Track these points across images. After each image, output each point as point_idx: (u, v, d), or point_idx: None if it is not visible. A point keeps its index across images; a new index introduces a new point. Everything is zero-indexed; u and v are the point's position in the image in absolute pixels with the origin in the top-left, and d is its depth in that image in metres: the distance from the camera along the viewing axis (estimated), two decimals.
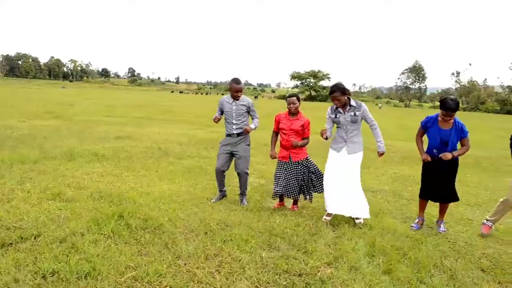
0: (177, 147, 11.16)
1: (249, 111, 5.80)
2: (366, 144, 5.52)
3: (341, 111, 5.08)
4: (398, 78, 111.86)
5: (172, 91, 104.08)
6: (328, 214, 5.27)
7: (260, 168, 8.72)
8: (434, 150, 4.88)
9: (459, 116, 4.91)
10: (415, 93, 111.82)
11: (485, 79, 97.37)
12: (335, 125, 5.26)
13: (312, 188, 5.55)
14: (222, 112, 5.83)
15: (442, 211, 5.17)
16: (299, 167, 5.45)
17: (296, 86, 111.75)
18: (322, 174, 5.47)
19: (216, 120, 5.82)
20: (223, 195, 6.04)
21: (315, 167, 5.55)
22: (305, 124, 5.41)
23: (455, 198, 5.08)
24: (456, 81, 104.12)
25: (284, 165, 5.49)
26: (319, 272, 3.67)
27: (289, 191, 5.47)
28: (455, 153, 4.80)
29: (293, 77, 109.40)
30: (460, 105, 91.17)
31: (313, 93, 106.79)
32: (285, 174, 5.47)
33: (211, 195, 6.14)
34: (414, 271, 3.79)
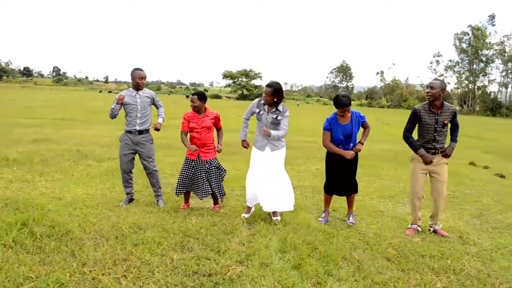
0: (98, 149, 10.73)
1: (153, 101, 5.66)
2: (288, 142, 5.60)
3: (266, 109, 5.09)
4: (327, 77, 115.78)
5: (100, 91, 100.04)
6: (247, 211, 5.28)
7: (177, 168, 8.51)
8: (340, 146, 5.03)
9: (385, 113, 5.11)
10: (343, 91, 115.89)
11: (407, 78, 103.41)
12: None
13: (218, 188, 5.52)
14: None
15: (350, 204, 5.35)
16: (207, 165, 5.39)
17: (228, 85, 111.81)
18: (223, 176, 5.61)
19: (120, 100, 5.44)
20: (131, 198, 5.80)
21: (220, 169, 5.55)
22: (215, 118, 5.39)
23: (356, 190, 5.29)
24: (381, 80, 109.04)
25: (192, 163, 5.41)
26: (229, 271, 3.64)
27: (198, 189, 5.40)
28: (362, 140, 5.07)
29: (225, 76, 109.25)
30: (385, 102, 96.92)
31: (245, 92, 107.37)
32: (193, 172, 5.39)
33: None
34: (323, 264, 3.87)
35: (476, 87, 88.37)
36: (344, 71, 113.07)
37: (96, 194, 6.11)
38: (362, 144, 5.06)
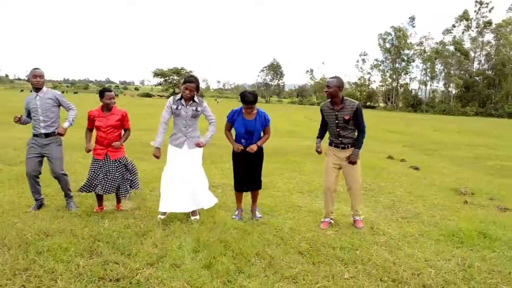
0: (11, 152, 10.06)
1: (60, 102, 5.31)
2: (214, 140, 5.56)
3: (184, 103, 5.00)
4: (258, 75, 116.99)
5: (22, 90, 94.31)
6: (163, 213, 5.17)
7: None
8: (242, 140, 5.08)
9: (315, 110, 5.19)
10: (274, 90, 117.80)
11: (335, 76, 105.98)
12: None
13: (129, 187, 5.38)
14: (29, 113, 5.27)
15: (254, 199, 5.41)
16: (116, 164, 5.22)
17: (160, 84, 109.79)
18: (136, 171, 5.48)
19: (16, 120, 5.15)
20: (40, 203, 5.45)
21: (132, 164, 5.41)
22: (122, 117, 5.22)
23: (260, 186, 5.35)
24: (311, 78, 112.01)
25: (100, 163, 5.21)
26: (138, 275, 3.54)
27: (107, 189, 5.21)
28: (259, 143, 5.08)
29: (156, 74, 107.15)
30: (315, 100, 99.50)
31: (177, 90, 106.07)
32: (102, 172, 5.19)
33: None
34: (235, 262, 3.86)
35: (399, 84, 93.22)
36: (275, 69, 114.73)
37: (3, 201, 5.70)
38: (257, 146, 5.04)
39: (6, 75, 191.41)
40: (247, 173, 5.21)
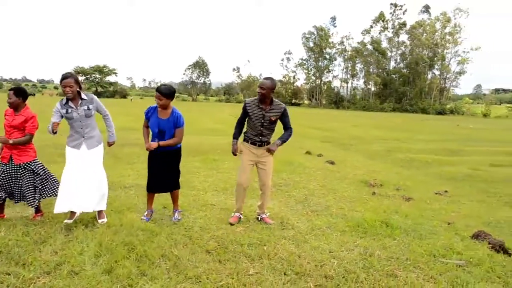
0: None
1: None
2: (132, 139, 5.34)
3: (73, 105, 4.73)
4: (184, 73, 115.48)
5: None
6: (70, 217, 4.89)
7: None
8: (155, 139, 4.96)
9: (238, 108, 5.11)
10: (201, 88, 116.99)
11: (261, 74, 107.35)
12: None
13: (42, 194, 5.04)
14: None
15: (174, 200, 5.30)
16: (21, 170, 4.89)
17: (81, 82, 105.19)
18: (52, 177, 5.09)
19: None
20: None
21: (43, 170, 5.07)
22: (27, 119, 4.87)
23: (178, 186, 5.26)
24: (237, 76, 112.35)
25: (3, 167, 4.86)
26: (31, 285, 3.33)
27: (16, 196, 4.88)
28: (161, 143, 4.87)
29: (77, 72, 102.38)
30: (242, 98, 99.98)
31: (99, 89, 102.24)
32: (4, 177, 4.85)
33: None
34: (138, 264, 3.75)
35: (322, 82, 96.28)
36: (200, 67, 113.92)
37: None
38: (159, 144, 4.86)
39: None
40: (162, 174, 5.07)
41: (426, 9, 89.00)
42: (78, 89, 4.74)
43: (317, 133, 21.01)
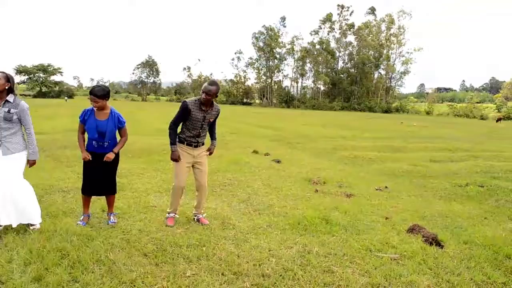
0: None
1: None
2: (67, 143, 5.12)
3: None
4: (133, 73, 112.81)
5: None
6: None
7: None
8: (94, 142, 4.81)
9: None
10: (151, 87, 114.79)
11: (211, 73, 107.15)
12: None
13: None
14: None
15: (110, 204, 5.16)
16: None
17: (23, 82, 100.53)
18: None
19: None
20: None
21: None
22: None
23: (114, 191, 5.14)
24: (188, 75, 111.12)
25: None
26: None
27: None
28: (115, 150, 4.85)
29: (19, 71, 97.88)
30: (192, 97, 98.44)
31: (44, 89, 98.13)
32: None
33: None
34: (71, 271, 3.63)
35: (273, 82, 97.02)
36: (150, 66, 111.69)
37: None
38: (114, 153, 4.83)
39: None
40: (98, 177, 4.92)
41: (372, 11, 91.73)
42: (7, 88, 4.46)
43: (267, 132, 21.14)
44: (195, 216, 5.26)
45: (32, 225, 4.70)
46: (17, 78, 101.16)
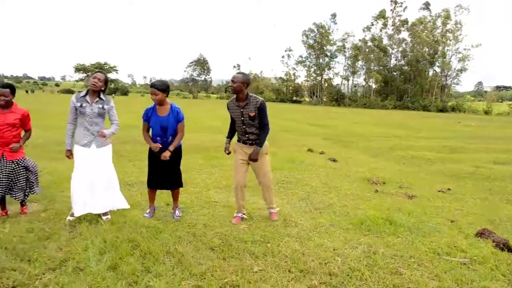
0: None
1: None
2: (134, 136, 5.33)
3: (89, 100, 4.77)
4: (185, 71, 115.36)
5: None
6: (73, 214, 4.91)
7: None
8: (158, 138, 4.96)
9: None
10: (202, 85, 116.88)
11: (261, 71, 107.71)
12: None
13: (22, 192, 5.02)
14: None
15: (174, 198, 5.31)
16: (13, 166, 4.89)
17: (82, 79, 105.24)
18: (37, 176, 5.16)
19: None
20: None
21: (34, 166, 5.08)
22: (23, 116, 4.89)
23: (180, 184, 5.26)
24: (238, 73, 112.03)
25: None
26: (36, 281, 3.34)
27: (12, 192, 4.91)
28: (171, 148, 4.94)
29: (78, 69, 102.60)
30: None
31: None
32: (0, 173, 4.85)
33: None
34: (142, 261, 3.76)
35: (323, 79, 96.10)
36: (201, 64, 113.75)
37: None
38: (170, 151, 4.92)
39: None
40: (163, 171, 5.08)
41: (426, 6, 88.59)
42: (102, 88, 4.84)
43: (319, 131, 20.98)
44: (268, 209, 5.34)
45: (104, 215, 4.94)
46: (76, 76, 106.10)
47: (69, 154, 4.97)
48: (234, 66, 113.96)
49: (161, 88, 4.83)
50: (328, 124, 25.85)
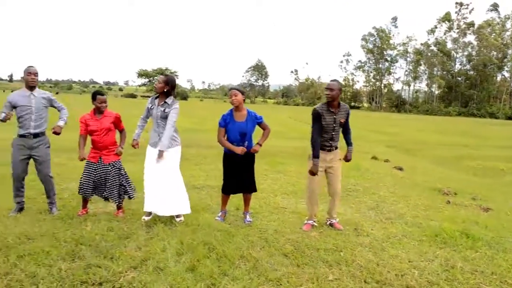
0: None
1: (52, 104, 5.22)
2: (198, 140, 5.49)
3: (156, 102, 4.99)
4: (243, 76, 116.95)
5: (4, 91, 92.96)
6: (147, 214, 5.12)
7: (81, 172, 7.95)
8: (234, 144, 5.04)
9: (300, 110, 5.14)
10: (259, 90, 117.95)
11: (319, 76, 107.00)
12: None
13: (117, 194, 5.28)
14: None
15: (246, 202, 5.37)
16: (110, 168, 5.17)
17: (144, 84, 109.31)
18: (129, 180, 5.42)
19: (5, 119, 4.92)
20: (21, 206, 5.31)
21: (125, 170, 5.35)
22: (116, 119, 5.17)
23: (253, 189, 5.31)
24: (295, 78, 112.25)
25: (93, 166, 5.15)
26: (121, 278, 3.50)
27: (104, 193, 5.19)
28: (261, 142, 5.09)
29: (140, 74, 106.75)
30: (300, 100, 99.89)
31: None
32: (95, 175, 5.14)
33: None
34: (219, 264, 3.84)
35: (382, 85, 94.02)
36: (259, 70, 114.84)
37: None
38: (260, 145, 5.09)
39: None
40: (239, 176, 5.17)
41: (495, 7, 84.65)
42: (165, 90, 4.99)
43: (381, 138, 20.53)
44: (328, 220, 5.26)
45: (177, 217, 5.10)
46: (139, 81, 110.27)
47: (135, 143, 5.23)
48: (292, 71, 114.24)
49: (241, 90, 5.05)
50: (390, 131, 25.22)
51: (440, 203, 6.87)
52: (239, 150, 4.98)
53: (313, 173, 4.97)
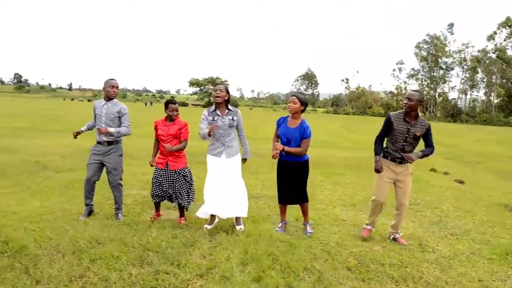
0: (58, 160, 10.42)
1: (120, 116, 5.38)
2: (253, 149, 5.58)
3: (219, 113, 5.09)
4: (292, 85, 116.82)
5: (64, 99, 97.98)
6: (210, 223, 5.22)
7: (143, 178, 8.31)
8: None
9: (350, 120, 5.11)
10: (309, 99, 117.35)
11: (370, 85, 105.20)
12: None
13: (186, 198, 5.43)
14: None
15: (304, 213, 5.34)
16: (175, 175, 5.32)
17: (195, 93, 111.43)
18: (192, 188, 5.55)
19: (75, 135, 5.51)
20: (90, 209, 5.59)
21: (191, 177, 5.48)
22: (181, 127, 5.32)
23: (305, 199, 5.24)
24: (346, 87, 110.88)
25: (160, 172, 5.33)
26: (189, 286, 3.59)
27: (172, 198, 5.39)
28: (286, 148, 4.93)
29: (192, 83, 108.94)
30: (350, 109, 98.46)
31: (212, 99, 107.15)
32: (162, 181, 5.32)
33: None
34: (284, 276, 3.84)
35: (437, 94, 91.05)
36: (309, 78, 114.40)
37: (55, 208, 5.89)
38: (283, 149, 4.94)
39: (49, 84, 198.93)
40: (290, 186, 5.17)
41: None
42: (226, 98, 5.12)
43: (438, 149, 19.61)
44: (392, 234, 5.14)
45: (238, 225, 5.18)
46: (190, 90, 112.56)
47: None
48: (342, 80, 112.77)
49: (302, 99, 5.00)
50: (447, 142, 24.33)
51: (508, 220, 6.54)
52: (275, 148, 4.98)
53: (378, 170, 4.94)
